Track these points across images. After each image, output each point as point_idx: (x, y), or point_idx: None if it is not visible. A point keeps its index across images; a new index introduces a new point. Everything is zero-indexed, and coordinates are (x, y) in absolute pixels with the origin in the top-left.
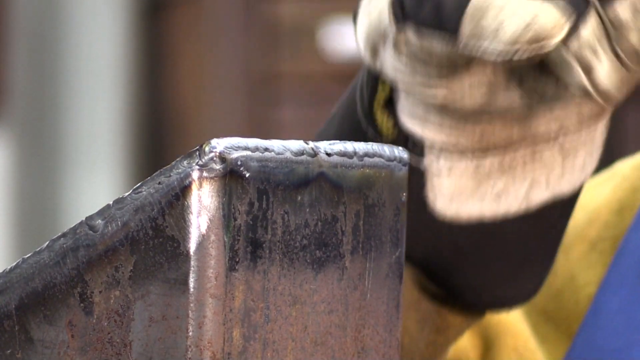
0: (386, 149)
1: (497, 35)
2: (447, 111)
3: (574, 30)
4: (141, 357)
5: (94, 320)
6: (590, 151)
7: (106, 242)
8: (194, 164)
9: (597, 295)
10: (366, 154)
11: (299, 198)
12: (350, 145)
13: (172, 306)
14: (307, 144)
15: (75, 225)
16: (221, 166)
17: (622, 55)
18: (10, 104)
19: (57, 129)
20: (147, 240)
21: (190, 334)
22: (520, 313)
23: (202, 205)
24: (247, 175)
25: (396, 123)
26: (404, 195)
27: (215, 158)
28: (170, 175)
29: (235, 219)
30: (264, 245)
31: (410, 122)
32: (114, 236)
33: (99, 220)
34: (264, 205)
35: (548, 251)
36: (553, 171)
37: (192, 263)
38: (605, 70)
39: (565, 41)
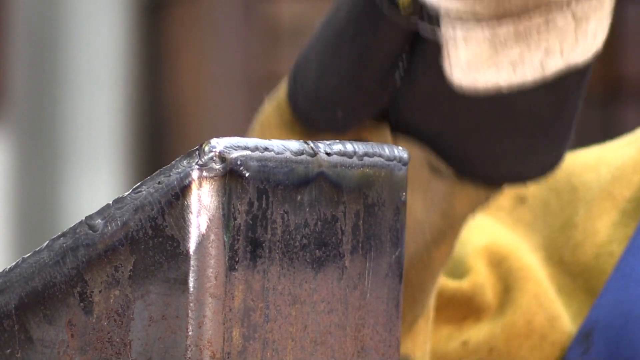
0: (386, 149)
1: None
2: None
3: None
4: (141, 357)
5: (94, 320)
6: (600, 17)
7: (106, 242)
8: (193, 164)
9: (624, 257)
10: (366, 154)
11: (299, 198)
12: (349, 145)
13: (171, 306)
14: (307, 143)
15: (75, 225)
16: (221, 166)
17: None
18: (11, 103)
19: (57, 129)
20: (147, 239)
21: (190, 333)
22: (539, 262)
23: (202, 204)
24: (247, 174)
25: None
26: (404, 195)
27: (215, 158)
28: (170, 175)
29: (235, 219)
30: (263, 244)
31: None
32: (113, 236)
33: (99, 220)
34: (263, 205)
35: (564, 124)
36: (566, 39)
37: (191, 263)
38: None
39: None
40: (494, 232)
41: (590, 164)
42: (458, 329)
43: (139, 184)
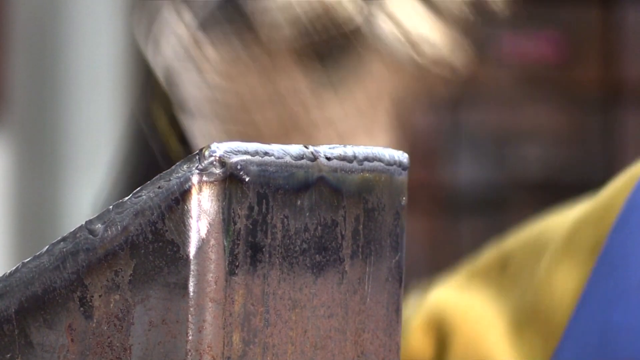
0: (386, 153)
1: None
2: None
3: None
4: None
5: (94, 324)
6: (370, 133)
7: (106, 246)
8: (193, 168)
9: (579, 307)
10: (366, 158)
11: (299, 202)
12: (349, 150)
13: (171, 310)
14: (307, 148)
15: (75, 229)
16: (221, 170)
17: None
18: (10, 107)
19: (57, 133)
20: (147, 244)
21: (190, 338)
22: (497, 320)
23: (202, 209)
24: (247, 179)
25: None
26: (404, 200)
27: (215, 162)
28: (170, 180)
29: (235, 223)
30: (263, 249)
31: (184, 117)
32: (113, 240)
33: (99, 224)
34: (263, 210)
35: None
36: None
37: (191, 267)
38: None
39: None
40: (449, 297)
41: (559, 220)
42: None
43: (139, 188)
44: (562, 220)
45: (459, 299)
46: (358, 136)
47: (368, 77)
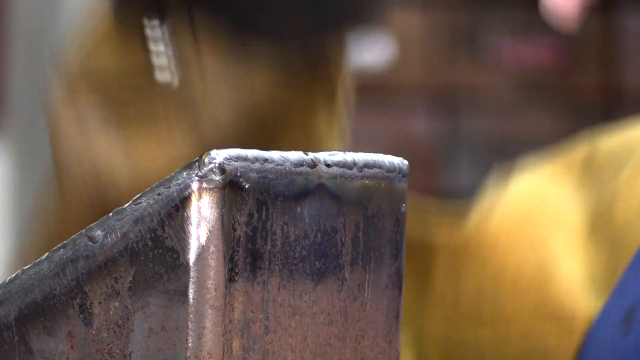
0: (386, 160)
1: None
2: None
3: None
4: None
5: (94, 331)
6: None
7: (106, 253)
8: (193, 175)
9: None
10: (366, 165)
11: (299, 209)
12: (349, 156)
13: (171, 317)
14: (307, 154)
15: (74, 236)
16: (221, 177)
17: None
18: (10, 112)
19: None
20: (147, 251)
21: (190, 345)
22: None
23: (202, 216)
24: (247, 186)
25: None
26: (404, 207)
27: (214, 169)
28: (169, 186)
29: (234, 230)
30: (263, 256)
31: None
32: (113, 247)
33: (99, 231)
34: (263, 216)
35: None
36: None
37: (191, 274)
38: None
39: None
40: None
41: None
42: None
43: (138, 195)
44: None
45: (541, 188)
46: None
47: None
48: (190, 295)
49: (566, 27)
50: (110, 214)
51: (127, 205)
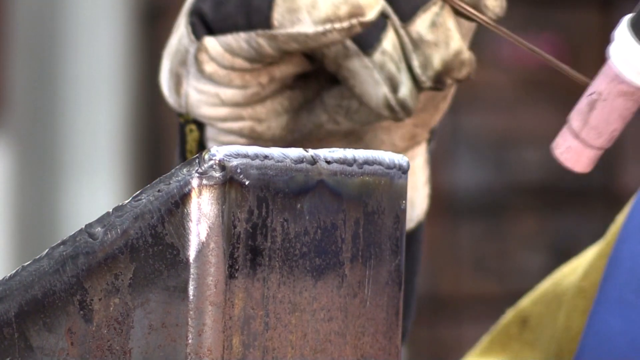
0: (385, 157)
1: (312, 10)
2: (256, 141)
3: (377, 44)
4: None
5: (94, 328)
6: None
7: (106, 250)
8: (193, 172)
9: (593, 315)
10: (366, 162)
11: (299, 206)
12: (349, 153)
13: (171, 314)
14: (307, 151)
15: (74, 233)
16: (221, 174)
17: (416, 70)
18: (10, 111)
19: (57, 136)
20: (147, 247)
21: (190, 341)
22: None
23: (202, 212)
24: (247, 182)
25: None
26: (404, 203)
27: (214, 166)
28: (169, 183)
29: (234, 227)
30: (263, 252)
31: None
32: (113, 244)
33: (99, 228)
34: (263, 213)
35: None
36: None
37: (191, 271)
38: (407, 85)
39: (368, 53)
40: None
41: (573, 267)
42: None
43: (138, 192)
44: (574, 267)
45: None
46: None
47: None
48: (190, 292)
49: None
50: (110, 210)
51: (127, 201)
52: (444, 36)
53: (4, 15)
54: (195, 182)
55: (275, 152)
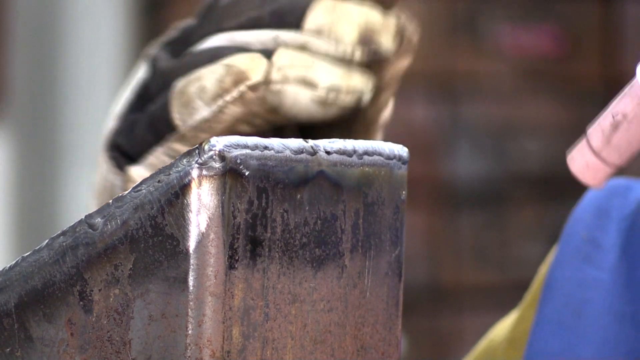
0: (385, 147)
1: (202, 94)
2: None
3: (270, 66)
4: (140, 355)
5: (94, 319)
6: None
7: (106, 241)
8: (193, 162)
9: (532, 338)
10: (365, 152)
11: (299, 196)
12: (349, 144)
13: (171, 304)
14: (307, 142)
15: (74, 224)
16: (221, 164)
17: (336, 53)
18: (10, 102)
19: (57, 127)
20: (147, 238)
21: (190, 332)
22: None
23: (202, 203)
24: (247, 173)
25: None
26: (404, 194)
27: (214, 156)
28: (169, 174)
29: (234, 217)
30: (263, 243)
31: None
32: (113, 234)
33: (99, 219)
34: (263, 204)
35: None
36: None
37: (191, 261)
38: (331, 73)
39: (268, 81)
40: None
41: (504, 324)
42: None
43: (139, 182)
44: (505, 324)
45: None
46: None
47: None
48: (190, 283)
49: None
50: (110, 201)
51: (127, 192)
52: (343, 11)
53: (4, 6)
54: (195, 173)
55: (275, 142)
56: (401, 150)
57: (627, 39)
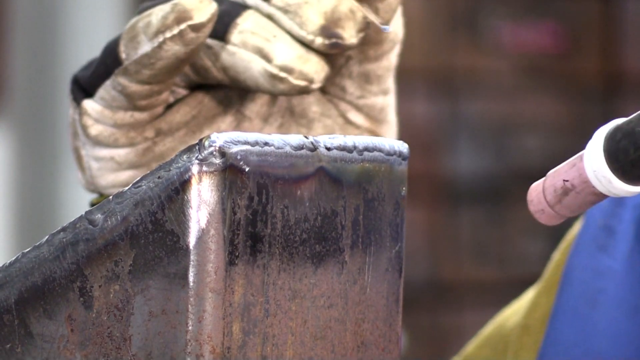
0: (385, 143)
1: (147, 30)
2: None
3: (232, 26)
4: (141, 352)
5: (94, 315)
6: None
7: (106, 237)
8: (193, 158)
9: (550, 327)
10: (366, 148)
11: (299, 192)
12: (349, 139)
13: (171, 300)
14: (307, 138)
15: (74, 220)
16: (221, 160)
17: (299, 33)
18: (10, 98)
19: (57, 123)
20: (147, 234)
21: (190, 328)
22: None
23: (202, 199)
24: (247, 169)
25: None
26: (404, 190)
27: (214, 152)
28: (170, 170)
29: (234, 213)
30: (263, 239)
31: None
32: (113, 230)
33: (99, 215)
34: (263, 200)
35: None
36: None
37: (191, 257)
38: (288, 50)
39: (226, 39)
40: None
41: (515, 309)
42: None
43: (139, 178)
44: (516, 309)
45: None
46: None
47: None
48: (191, 279)
49: None
50: (111, 197)
51: (127, 188)
52: None
53: (4, 6)
54: (195, 169)
55: (276, 138)
56: (401, 146)
57: (626, 36)
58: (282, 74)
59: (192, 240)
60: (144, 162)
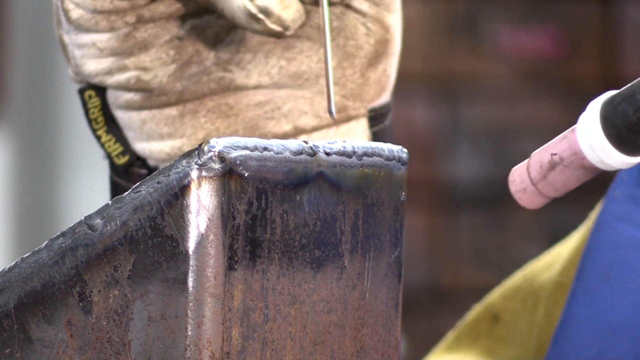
0: (385, 148)
1: None
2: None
3: None
4: (140, 357)
5: (93, 320)
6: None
7: (105, 242)
8: (193, 163)
9: (565, 307)
10: (365, 154)
11: (298, 197)
12: (349, 145)
13: (171, 305)
14: (306, 143)
15: (74, 225)
16: (220, 165)
17: None
18: (10, 102)
19: (56, 127)
20: (146, 239)
21: (189, 333)
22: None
23: (201, 204)
24: (246, 174)
25: (116, 136)
26: (403, 195)
27: (214, 157)
28: (169, 175)
29: (234, 219)
30: (263, 244)
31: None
32: (112, 235)
33: (98, 220)
34: (262, 205)
35: None
36: None
37: (191, 262)
38: None
39: None
40: None
41: (547, 263)
42: None
43: (138, 183)
44: (549, 263)
45: None
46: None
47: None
48: (190, 284)
49: None
50: (110, 202)
51: (126, 193)
52: None
53: (4, 6)
54: (194, 174)
55: (275, 143)
56: (401, 151)
57: (626, 40)
58: (260, 15)
59: (191, 245)
60: (125, 49)
